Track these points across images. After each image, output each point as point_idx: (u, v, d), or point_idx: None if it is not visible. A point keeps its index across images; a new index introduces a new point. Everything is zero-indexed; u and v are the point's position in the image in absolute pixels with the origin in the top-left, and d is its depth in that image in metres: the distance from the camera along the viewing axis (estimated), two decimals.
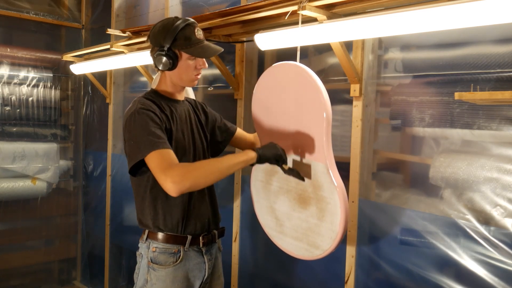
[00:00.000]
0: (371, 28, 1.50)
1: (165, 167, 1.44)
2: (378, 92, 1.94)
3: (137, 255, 1.73)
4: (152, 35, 1.65)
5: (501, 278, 1.51)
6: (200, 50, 1.62)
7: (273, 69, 1.69)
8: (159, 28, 1.62)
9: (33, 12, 3.76)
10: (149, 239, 1.67)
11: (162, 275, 1.63)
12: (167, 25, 1.61)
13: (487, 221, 1.57)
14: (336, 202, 1.52)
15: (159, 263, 1.64)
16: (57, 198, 3.99)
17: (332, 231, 1.54)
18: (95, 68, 3.21)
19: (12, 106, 3.64)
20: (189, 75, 1.66)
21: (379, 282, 1.85)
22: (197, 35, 1.63)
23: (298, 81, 1.59)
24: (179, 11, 2.93)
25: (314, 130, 1.56)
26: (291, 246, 1.70)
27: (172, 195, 1.44)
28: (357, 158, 1.88)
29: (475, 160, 1.61)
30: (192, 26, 1.63)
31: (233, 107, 2.46)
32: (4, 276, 3.75)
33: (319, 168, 1.56)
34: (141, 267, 1.68)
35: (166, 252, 1.64)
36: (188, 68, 1.65)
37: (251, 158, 1.53)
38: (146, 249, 1.67)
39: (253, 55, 2.46)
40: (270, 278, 2.34)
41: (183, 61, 1.63)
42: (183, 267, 1.65)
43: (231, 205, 2.47)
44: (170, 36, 1.58)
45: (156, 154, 1.47)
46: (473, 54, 1.62)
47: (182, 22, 1.61)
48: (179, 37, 1.59)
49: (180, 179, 1.41)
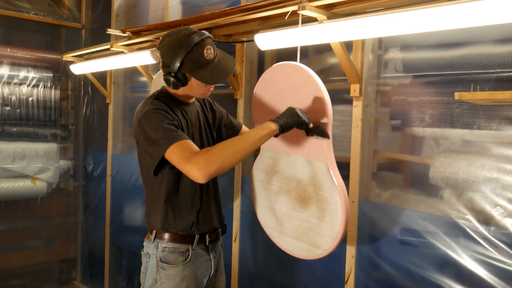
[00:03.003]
0: (371, 28, 1.50)
1: (188, 156, 1.42)
2: (378, 92, 1.94)
3: (143, 255, 1.73)
4: (160, 50, 1.58)
5: (501, 278, 1.51)
6: (208, 74, 1.55)
7: (274, 69, 1.69)
8: (167, 48, 1.54)
9: (33, 12, 3.76)
10: (157, 239, 1.67)
11: (172, 274, 1.64)
12: (175, 45, 1.53)
13: (487, 221, 1.57)
14: (337, 202, 1.52)
15: (168, 262, 1.65)
16: (57, 198, 3.99)
17: (333, 230, 1.54)
18: (95, 68, 3.21)
19: (12, 106, 3.64)
20: (200, 90, 1.64)
21: (379, 282, 1.85)
22: (206, 56, 1.54)
23: (299, 82, 1.60)
24: (179, 11, 2.93)
25: None
26: (291, 246, 1.70)
27: (201, 181, 1.41)
28: (357, 158, 1.88)
29: (475, 160, 1.61)
30: (201, 47, 1.53)
31: (233, 107, 2.46)
32: (4, 276, 3.75)
33: (319, 168, 1.56)
34: (149, 267, 1.68)
35: (175, 252, 1.65)
36: (199, 86, 1.61)
37: (273, 130, 1.47)
38: (155, 248, 1.67)
39: (253, 55, 2.46)
40: (270, 278, 2.34)
41: (193, 81, 1.59)
42: (192, 265, 1.67)
43: (231, 205, 2.47)
44: (177, 59, 1.51)
45: (176, 147, 1.45)
46: (473, 54, 1.62)
47: (189, 42, 1.51)
48: (187, 61, 1.52)
49: (205, 164, 1.39)
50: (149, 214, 1.71)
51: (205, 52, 1.53)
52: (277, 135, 1.49)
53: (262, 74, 1.74)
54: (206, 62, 1.54)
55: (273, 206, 1.74)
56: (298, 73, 1.59)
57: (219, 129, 1.85)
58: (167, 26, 2.30)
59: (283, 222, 1.71)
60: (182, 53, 1.51)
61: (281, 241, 1.74)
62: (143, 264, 1.73)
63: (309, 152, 1.60)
